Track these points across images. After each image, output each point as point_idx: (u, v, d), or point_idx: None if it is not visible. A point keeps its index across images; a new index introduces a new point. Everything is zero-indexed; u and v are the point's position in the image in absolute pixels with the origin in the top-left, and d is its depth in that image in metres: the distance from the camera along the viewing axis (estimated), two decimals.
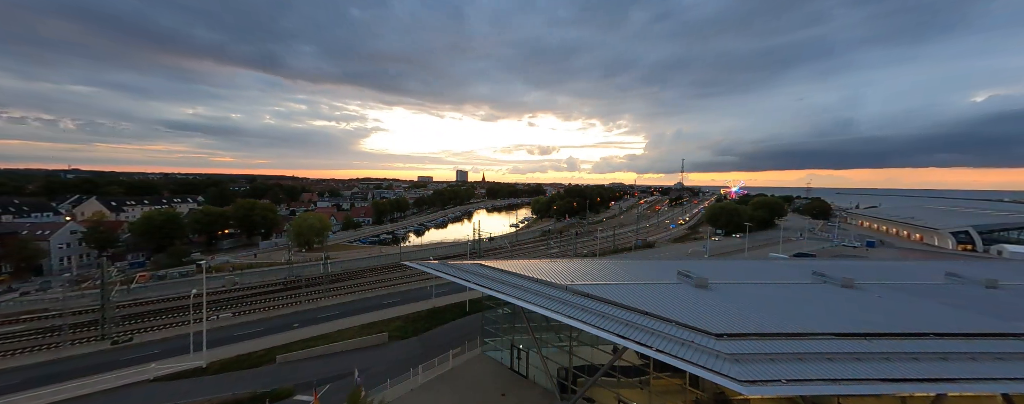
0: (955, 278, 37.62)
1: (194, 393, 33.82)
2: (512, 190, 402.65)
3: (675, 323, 22.71)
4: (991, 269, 45.81)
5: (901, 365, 19.40)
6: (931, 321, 25.78)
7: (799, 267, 44.56)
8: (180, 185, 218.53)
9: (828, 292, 32.79)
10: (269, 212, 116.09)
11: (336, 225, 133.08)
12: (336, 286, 66.91)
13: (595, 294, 27.87)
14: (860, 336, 21.91)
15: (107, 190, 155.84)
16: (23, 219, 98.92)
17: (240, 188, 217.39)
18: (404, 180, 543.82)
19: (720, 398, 26.96)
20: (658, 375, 27.67)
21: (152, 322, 50.99)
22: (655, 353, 19.89)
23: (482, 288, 32.36)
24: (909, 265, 57.77)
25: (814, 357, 19.67)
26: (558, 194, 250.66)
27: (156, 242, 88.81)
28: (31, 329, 48.32)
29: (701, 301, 28.07)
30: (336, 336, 45.69)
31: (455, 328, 48.38)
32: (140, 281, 69.15)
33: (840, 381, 17.84)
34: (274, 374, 37.39)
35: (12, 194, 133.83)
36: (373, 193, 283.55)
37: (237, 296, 61.60)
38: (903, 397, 25.78)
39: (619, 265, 44.12)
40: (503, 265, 39.02)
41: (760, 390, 17.05)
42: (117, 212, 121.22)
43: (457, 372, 35.52)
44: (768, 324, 23.35)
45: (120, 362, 39.97)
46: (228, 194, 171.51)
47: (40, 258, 77.03)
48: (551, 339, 34.24)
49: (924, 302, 30.56)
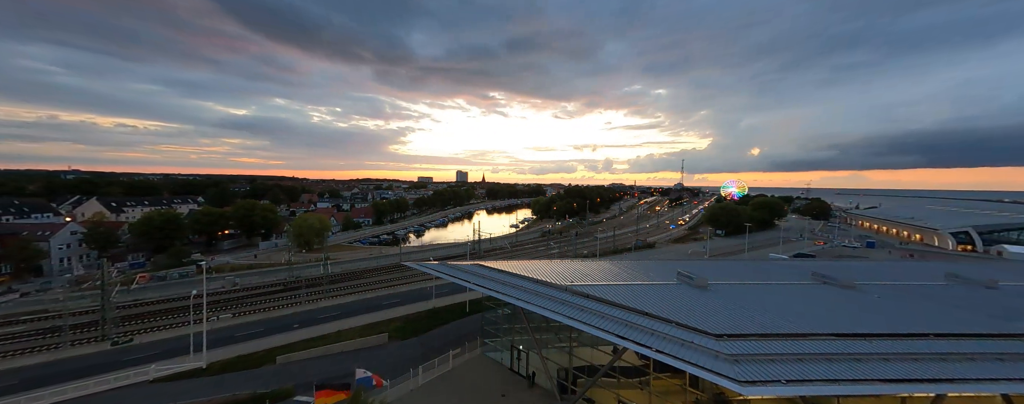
0: (955, 278, 37.65)
1: (194, 394, 33.81)
2: (512, 191, 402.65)
3: (675, 324, 22.73)
4: (991, 269, 45.84)
5: (901, 365, 19.42)
6: (931, 321, 25.81)
7: (799, 268, 44.58)
8: (180, 185, 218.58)
9: (828, 293, 32.80)
10: (269, 213, 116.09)
11: (336, 226, 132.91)
12: (336, 287, 66.87)
13: (595, 295, 27.89)
14: (860, 336, 21.93)
15: (107, 191, 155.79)
16: (23, 220, 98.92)
17: (240, 188, 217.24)
18: (404, 181, 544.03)
19: (720, 398, 26.99)
20: (658, 376, 27.71)
21: (152, 323, 50.98)
22: (655, 353, 19.91)
23: (482, 289, 32.40)
24: (909, 265, 57.80)
25: (814, 357, 19.70)
26: (558, 195, 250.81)
27: (156, 243, 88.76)
28: (31, 330, 48.33)
29: (701, 302, 28.09)
30: (336, 337, 45.70)
31: (455, 329, 48.36)
32: (140, 282, 69.17)
33: (840, 381, 17.87)
34: (274, 375, 37.38)
35: (12, 194, 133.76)
36: (373, 194, 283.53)
37: (237, 297, 61.60)
38: (903, 397, 25.82)
39: (619, 266, 44.13)
40: (503, 266, 39.04)
41: (760, 391, 17.08)
42: (117, 213, 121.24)
43: (457, 373, 35.52)
44: (768, 325, 23.37)
45: (120, 363, 39.94)
46: (228, 194, 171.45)
47: (40, 259, 77.01)
48: (551, 340, 34.26)
49: (924, 302, 30.59)
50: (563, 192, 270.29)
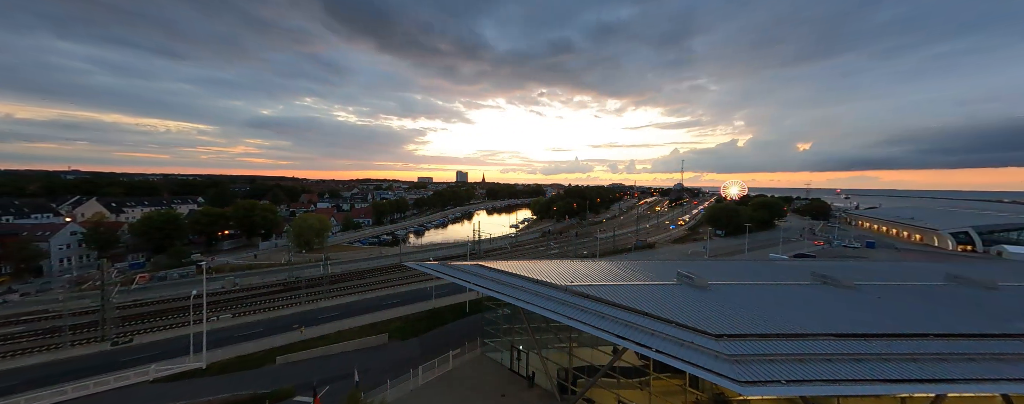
0: (955, 279, 37.64)
1: (194, 394, 33.82)
2: (512, 191, 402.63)
3: (675, 324, 22.73)
4: (991, 270, 45.88)
5: (900, 366, 19.42)
6: (931, 322, 25.80)
7: (799, 268, 44.59)
8: (180, 186, 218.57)
9: (828, 293, 32.80)
10: (269, 213, 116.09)
11: (336, 226, 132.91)
12: (336, 287, 66.86)
13: (595, 295, 27.89)
14: (859, 337, 21.93)
15: (107, 191, 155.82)
16: (23, 220, 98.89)
17: (240, 189, 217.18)
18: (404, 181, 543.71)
19: (720, 399, 27.00)
20: (658, 376, 27.73)
21: (152, 323, 50.96)
22: (655, 354, 19.92)
23: (482, 289, 32.40)
24: (908, 266, 57.77)
25: (814, 358, 19.70)
26: (558, 195, 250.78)
27: (156, 243, 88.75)
28: (31, 330, 48.34)
29: (701, 302, 28.08)
30: (336, 337, 45.69)
31: (455, 329, 48.34)
32: (140, 282, 69.18)
33: (839, 382, 17.88)
34: (274, 375, 37.38)
35: (12, 194, 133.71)
36: (373, 194, 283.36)
37: (237, 297, 61.59)
38: (903, 397, 25.83)
39: (619, 266, 44.11)
40: (503, 266, 39.02)
41: (759, 391, 17.08)
42: (117, 213, 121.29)
43: (457, 373, 35.51)
44: (768, 325, 23.37)
45: (120, 363, 39.95)
46: (228, 195, 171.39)
47: (40, 259, 77.02)
48: (551, 340, 34.26)
49: (924, 303, 30.58)
50: (563, 192, 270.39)
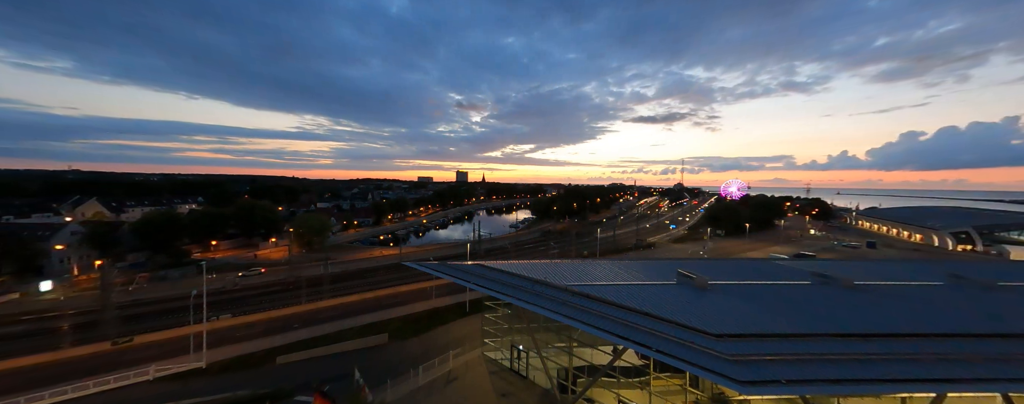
0: (955, 278, 37.59)
1: (194, 394, 33.82)
2: (512, 191, 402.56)
3: (675, 324, 22.70)
4: (991, 269, 45.83)
5: (901, 366, 19.39)
6: (931, 322, 25.78)
7: (799, 268, 44.52)
8: (180, 186, 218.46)
9: (828, 292, 32.75)
10: (270, 213, 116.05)
11: (336, 226, 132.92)
12: (336, 287, 66.88)
13: (595, 295, 27.86)
14: (860, 337, 21.89)
15: (107, 191, 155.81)
16: (23, 220, 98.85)
17: (241, 189, 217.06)
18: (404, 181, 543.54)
19: (720, 399, 26.97)
20: (658, 376, 27.70)
21: (152, 323, 50.94)
22: (655, 354, 19.88)
23: (482, 289, 32.36)
24: (909, 265, 57.64)
25: (814, 358, 19.67)
26: (558, 195, 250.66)
27: (156, 243, 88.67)
28: (31, 330, 48.32)
29: (701, 302, 28.06)
30: (336, 337, 45.68)
31: (455, 329, 48.35)
32: (140, 282, 69.15)
33: (840, 382, 17.83)
34: (274, 375, 37.38)
35: (12, 194, 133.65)
36: (373, 194, 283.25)
37: (237, 297, 61.59)
38: (903, 397, 25.80)
39: (619, 265, 44.08)
40: (503, 266, 38.99)
41: (760, 391, 17.04)
42: (117, 213, 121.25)
43: (457, 373, 35.50)
44: (768, 325, 23.34)
45: (120, 363, 39.92)
46: (228, 195, 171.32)
47: (40, 259, 76.93)
48: (551, 340, 34.23)
49: (924, 303, 30.54)
50: (563, 192, 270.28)
